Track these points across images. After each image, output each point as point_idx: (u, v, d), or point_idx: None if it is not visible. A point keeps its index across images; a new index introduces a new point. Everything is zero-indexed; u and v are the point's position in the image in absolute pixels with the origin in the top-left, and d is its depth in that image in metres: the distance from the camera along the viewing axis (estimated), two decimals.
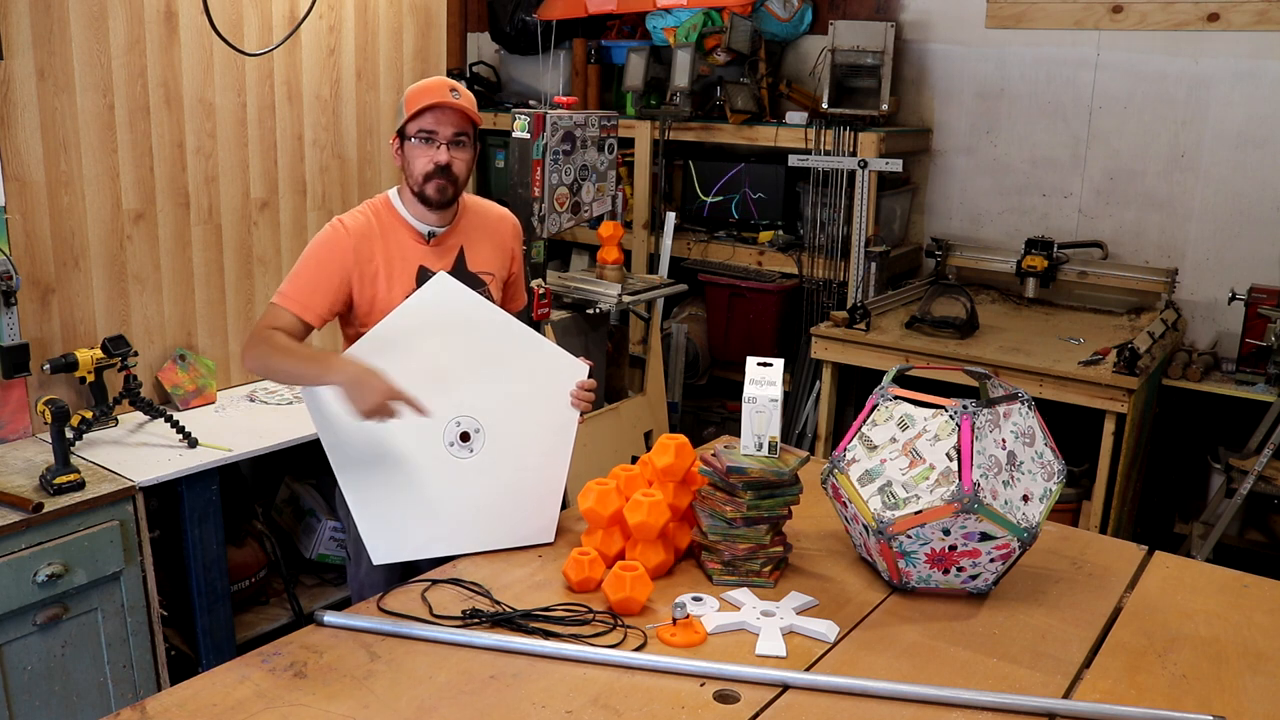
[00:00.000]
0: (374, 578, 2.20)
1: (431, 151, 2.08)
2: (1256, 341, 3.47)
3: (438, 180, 2.09)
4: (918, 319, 3.65)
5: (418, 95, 2.09)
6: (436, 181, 2.09)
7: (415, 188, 2.11)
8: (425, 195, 2.11)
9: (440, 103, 2.06)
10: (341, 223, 2.12)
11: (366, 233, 2.12)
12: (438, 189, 2.09)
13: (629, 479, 2.03)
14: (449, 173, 2.09)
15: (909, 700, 1.56)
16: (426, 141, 2.08)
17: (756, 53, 4.37)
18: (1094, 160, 4.06)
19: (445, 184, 2.10)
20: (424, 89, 2.10)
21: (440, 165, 2.08)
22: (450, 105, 2.07)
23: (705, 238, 4.47)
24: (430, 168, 2.08)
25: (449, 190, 2.11)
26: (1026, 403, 1.89)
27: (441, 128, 2.07)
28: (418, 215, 2.15)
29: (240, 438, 2.82)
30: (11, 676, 2.31)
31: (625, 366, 4.00)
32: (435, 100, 2.06)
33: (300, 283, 2.09)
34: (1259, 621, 1.84)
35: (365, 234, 2.12)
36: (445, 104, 2.06)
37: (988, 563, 1.83)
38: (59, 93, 2.71)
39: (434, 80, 2.12)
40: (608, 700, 1.55)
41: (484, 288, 2.21)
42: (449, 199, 2.13)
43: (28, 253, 2.71)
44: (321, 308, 2.09)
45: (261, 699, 1.53)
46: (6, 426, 2.72)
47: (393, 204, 2.17)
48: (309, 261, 2.10)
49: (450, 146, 2.08)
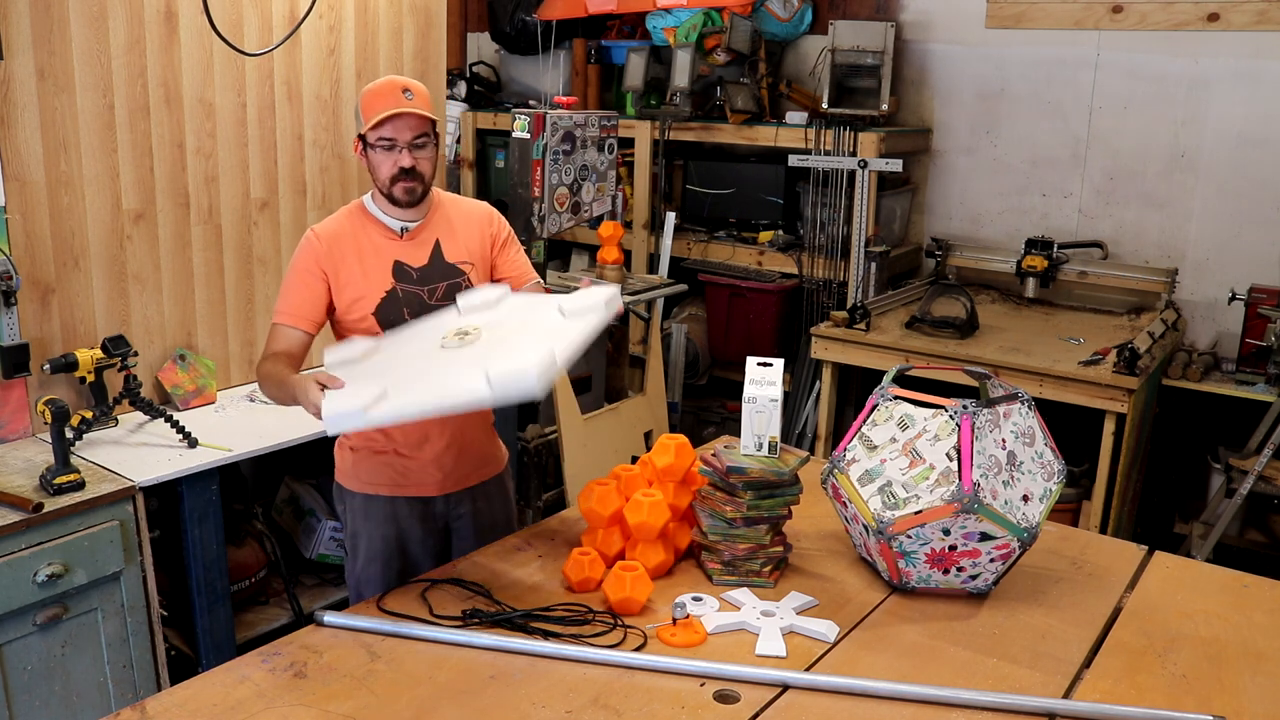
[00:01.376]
0: (370, 573, 2.21)
1: (395, 156, 2.11)
2: (1256, 341, 3.47)
3: (404, 182, 2.12)
4: (918, 319, 3.65)
5: (372, 102, 2.10)
6: (403, 184, 2.12)
7: (383, 190, 2.15)
8: (394, 197, 2.14)
9: (396, 113, 2.07)
10: (313, 231, 2.18)
11: (339, 235, 2.16)
12: (405, 190, 2.13)
13: (629, 479, 2.03)
14: (414, 174, 2.12)
15: (909, 700, 1.56)
16: (389, 148, 2.10)
17: (756, 53, 4.37)
18: (1094, 160, 4.06)
19: (412, 184, 2.13)
20: (377, 94, 2.10)
21: (404, 169, 2.11)
22: (406, 112, 2.08)
23: (705, 238, 4.47)
24: (395, 171, 2.11)
25: (417, 189, 2.14)
26: (1026, 403, 1.89)
27: (400, 134, 2.09)
28: (389, 213, 2.18)
29: (240, 438, 2.82)
30: (11, 676, 2.31)
31: (625, 366, 4.00)
32: (390, 110, 2.07)
33: (290, 297, 2.15)
34: (1259, 621, 1.84)
35: (337, 236, 2.16)
36: (401, 112, 2.08)
37: (988, 563, 1.83)
38: (59, 93, 2.71)
39: (385, 83, 2.12)
40: (608, 700, 1.55)
41: (463, 277, 2.21)
42: (418, 198, 2.16)
43: (28, 253, 2.70)
44: (314, 314, 2.15)
45: (261, 699, 1.53)
46: (6, 426, 2.72)
47: (365, 206, 2.21)
48: (290, 276, 2.17)
49: (411, 149, 2.11)
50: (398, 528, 2.22)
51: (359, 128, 2.13)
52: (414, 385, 1.80)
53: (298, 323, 2.13)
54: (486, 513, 2.31)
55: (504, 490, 2.38)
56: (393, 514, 2.22)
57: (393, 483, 2.21)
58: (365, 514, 2.23)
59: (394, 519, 2.22)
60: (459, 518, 2.29)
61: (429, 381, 1.81)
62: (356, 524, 2.24)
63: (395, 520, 2.22)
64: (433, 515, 2.25)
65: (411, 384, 1.80)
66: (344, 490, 2.27)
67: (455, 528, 2.29)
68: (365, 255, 2.15)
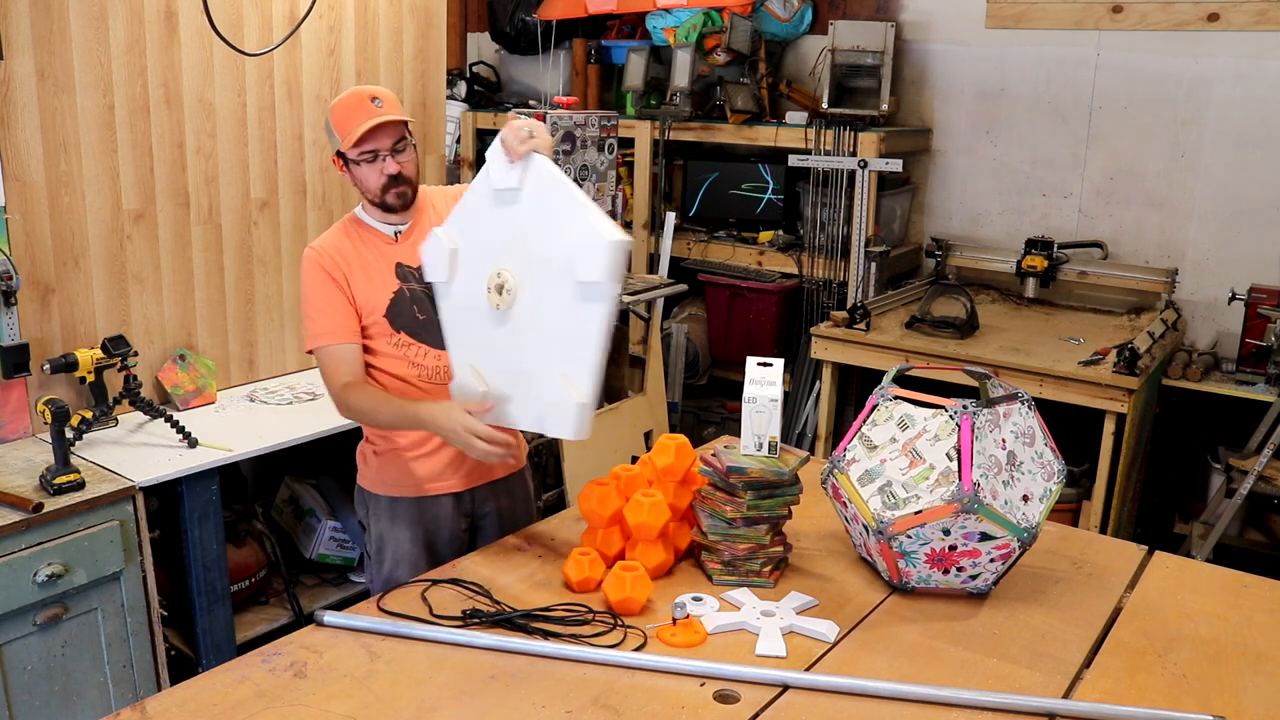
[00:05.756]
0: (399, 574, 2.20)
1: (379, 166, 2.12)
2: (1256, 341, 3.48)
3: (394, 189, 2.14)
4: (918, 319, 3.65)
5: (344, 118, 2.10)
6: (393, 190, 2.14)
7: (374, 201, 2.17)
8: (387, 204, 2.16)
9: (374, 125, 2.08)
10: (313, 248, 2.18)
11: (338, 246, 2.17)
12: (397, 195, 2.15)
13: (629, 479, 2.03)
14: (401, 179, 2.14)
15: (909, 700, 1.56)
16: (372, 160, 2.12)
17: (756, 53, 4.37)
18: (1094, 160, 4.06)
19: (402, 189, 2.15)
20: (347, 109, 2.11)
21: (392, 176, 2.13)
22: (383, 122, 2.09)
23: (705, 238, 4.47)
24: (384, 180, 2.13)
25: (408, 193, 2.16)
26: (1026, 403, 1.89)
27: (380, 143, 2.11)
28: (381, 220, 2.20)
29: (240, 438, 2.82)
30: (11, 676, 2.31)
31: (625, 366, 3.99)
32: (367, 124, 2.07)
33: (322, 318, 2.13)
34: (1259, 621, 1.84)
35: (338, 248, 2.17)
36: (379, 123, 2.08)
37: (988, 563, 1.83)
38: (59, 93, 2.71)
39: (351, 96, 2.13)
40: (608, 700, 1.55)
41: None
42: (410, 200, 2.18)
43: (28, 253, 2.71)
44: (353, 323, 2.14)
45: (261, 699, 1.53)
46: (6, 426, 2.72)
47: (359, 217, 2.23)
48: (310, 295, 2.15)
49: (394, 155, 2.13)
50: (425, 528, 2.23)
51: (335, 144, 2.14)
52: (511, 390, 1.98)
53: (346, 338, 2.12)
54: (509, 511, 2.32)
55: (525, 488, 2.40)
56: (419, 515, 2.22)
57: (418, 482, 2.21)
58: (392, 517, 2.23)
59: (420, 520, 2.22)
60: (484, 515, 2.30)
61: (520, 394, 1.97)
62: (382, 527, 2.24)
63: (422, 521, 2.23)
64: (459, 514, 2.26)
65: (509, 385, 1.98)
66: (368, 494, 2.27)
67: (481, 526, 2.30)
68: (369, 263, 2.16)
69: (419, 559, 2.22)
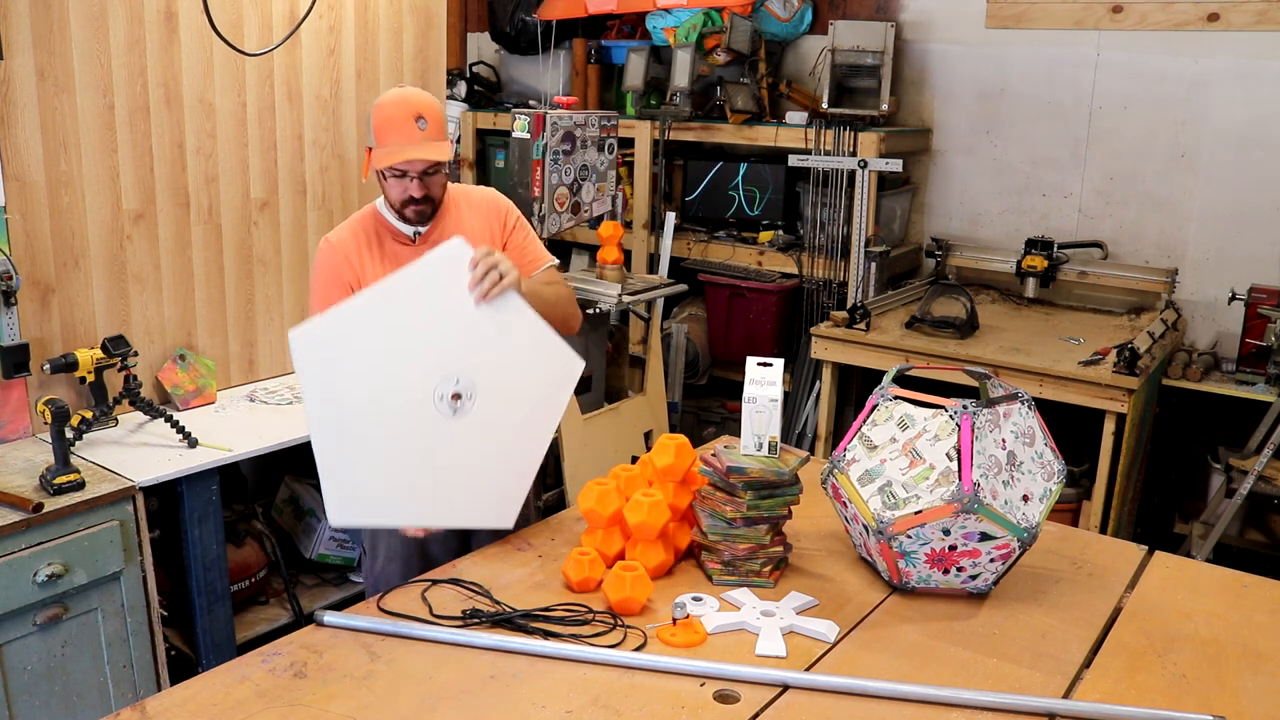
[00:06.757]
0: (390, 571, 2.20)
1: (405, 184, 2.10)
2: (1256, 341, 3.47)
3: (414, 207, 2.13)
4: (918, 319, 3.65)
5: (385, 130, 2.07)
6: (413, 208, 2.13)
7: (394, 208, 2.16)
8: (405, 217, 2.16)
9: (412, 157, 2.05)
10: (328, 240, 2.17)
11: (356, 243, 2.16)
12: (415, 213, 2.14)
13: (629, 479, 2.03)
14: (425, 200, 2.12)
15: (909, 700, 1.56)
16: (400, 176, 2.10)
17: (756, 53, 4.37)
18: (1094, 160, 4.06)
19: (423, 208, 2.14)
20: (391, 125, 2.06)
21: (415, 198, 2.11)
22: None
23: (705, 238, 4.47)
24: (405, 198, 2.12)
25: (427, 211, 2.15)
26: (1026, 403, 1.89)
27: (412, 168, 2.09)
28: (402, 220, 2.19)
29: (240, 438, 2.82)
30: (11, 676, 2.31)
31: (625, 366, 4.00)
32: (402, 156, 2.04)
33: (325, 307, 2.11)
34: (1259, 621, 1.84)
35: (355, 244, 2.16)
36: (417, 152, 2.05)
37: (988, 563, 1.83)
38: (59, 93, 2.71)
39: (399, 105, 2.07)
40: (608, 700, 1.55)
41: None
42: (429, 218, 2.17)
43: (28, 253, 2.71)
44: None
45: (261, 699, 1.53)
46: (6, 426, 2.72)
47: (379, 211, 2.21)
48: (317, 287, 2.15)
49: (423, 178, 2.10)
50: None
51: (369, 140, 2.12)
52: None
53: None
54: None
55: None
56: None
57: None
58: None
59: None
60: None
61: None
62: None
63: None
64: None
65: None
66: None
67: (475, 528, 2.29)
68: (386, 261, 2.15)
69: (411, 557, 2.22)
